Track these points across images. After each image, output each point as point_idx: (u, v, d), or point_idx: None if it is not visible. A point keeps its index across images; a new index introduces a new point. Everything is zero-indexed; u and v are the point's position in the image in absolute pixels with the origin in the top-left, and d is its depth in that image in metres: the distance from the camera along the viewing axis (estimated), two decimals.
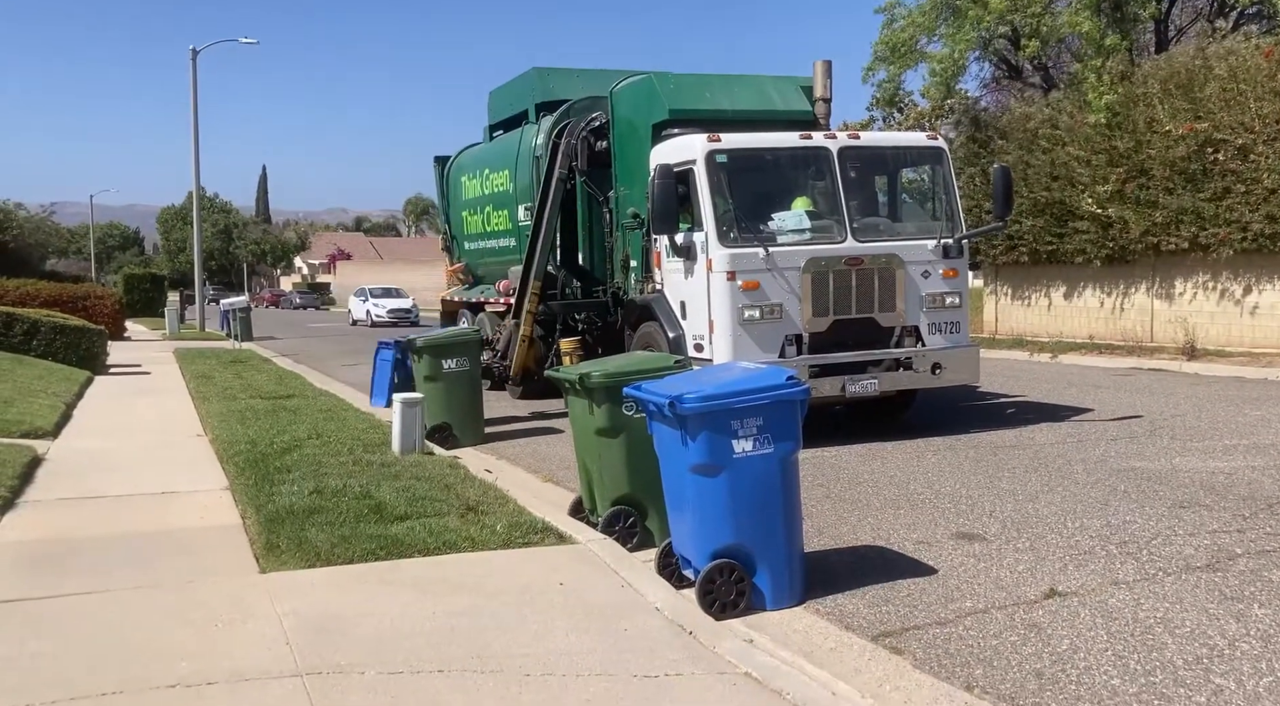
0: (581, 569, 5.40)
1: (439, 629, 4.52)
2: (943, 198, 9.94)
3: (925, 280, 9.44)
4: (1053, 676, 4.09)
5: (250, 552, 5.78)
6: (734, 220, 9.10)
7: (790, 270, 8.98)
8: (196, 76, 32.19)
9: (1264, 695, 3.84)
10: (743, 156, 9.35)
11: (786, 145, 9.52)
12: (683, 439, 4.91)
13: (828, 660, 4.32)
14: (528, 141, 13.44)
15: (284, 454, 8.55)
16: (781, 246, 9.05)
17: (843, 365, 9.13)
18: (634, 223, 10.67)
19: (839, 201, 9.28)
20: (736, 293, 8.84)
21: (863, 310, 9.21)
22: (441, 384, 10.06)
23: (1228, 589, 4.98)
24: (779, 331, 8.98)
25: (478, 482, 7.45)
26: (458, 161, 16.68)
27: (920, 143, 10.33)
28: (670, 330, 9.65)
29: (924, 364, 9.39)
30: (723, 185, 9.08)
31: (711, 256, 8.96)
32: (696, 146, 9.16)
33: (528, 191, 13.11)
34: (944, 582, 5.27)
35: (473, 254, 15.99)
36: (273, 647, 4.31)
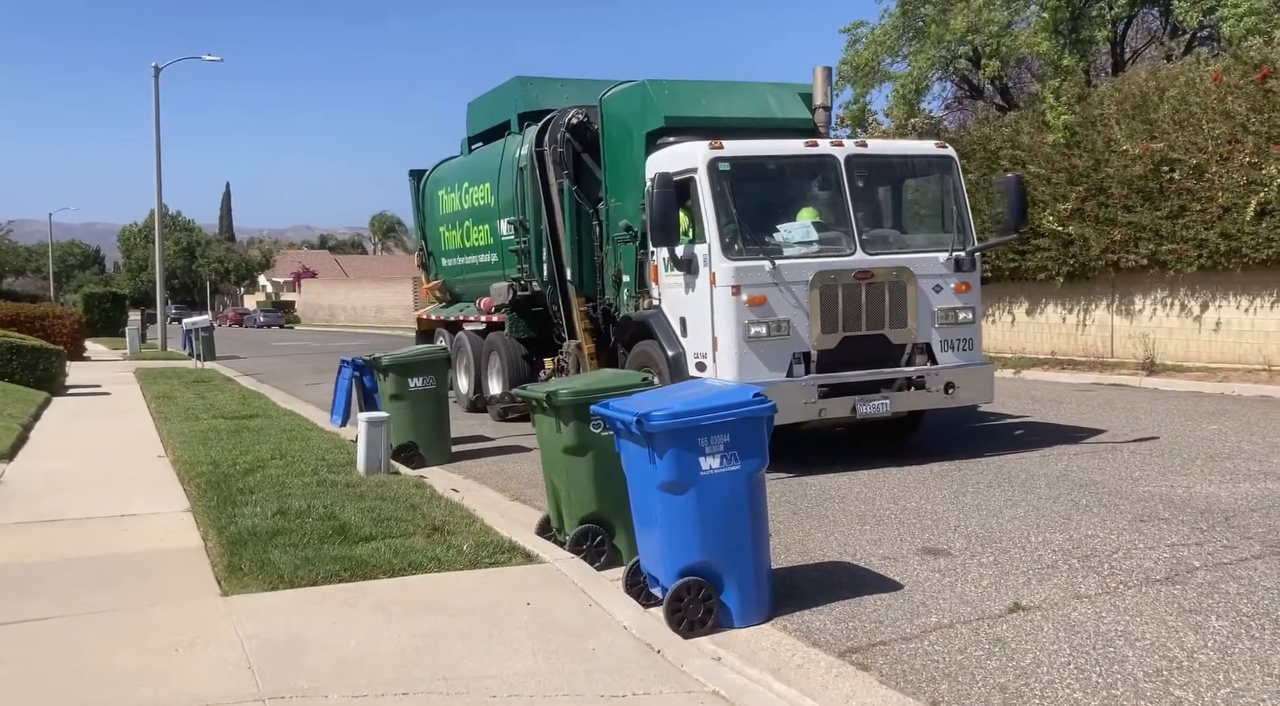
0: (549, 588, 5.37)
1: (404, 650, 4.48)
2: (953, 209, 9.46)
3: (937, 295, 9.02)
4: (1017, 690, 4.13)
5: (212, 575, 5.70)
6: (738, 231, 8.66)
7: (798, 284, 8.52)
8: (159, 94, 31.91)
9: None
10: (746, 164, 8.93)
11: (792, 153, 9.11)
12: (650, 456, 4.92)
13: (795, 677, 4.33)
14: (511, 152, 12.93)
15: (247, 474, 8.46)
16: (788, 259, 8.57)
17: (853, 384, 8.67)
18: (626, 235, 10.19)
19: (847, 212, 8.86)
20: (742, 308, 8.38)
21: (873, 326, 8.76)
22: (408, 403, 9.99)
23: (1186, 601, 5.06)
24: (786, 349, 8.53)
25: (444, 502, 7.40)
26: (434, 175, 16.25)
27: (929, 151, 9.77)
28: (669, 348, 9.16)
29: (937, 383, 8.95)
30: (726, 195, 8.64)
31: (715, 270, 8.51)
32: (698, 154, 8.72)
33: (511, 205, 12.76)
34: (909, 598, 5.31)
35: (451, 270, 15.52)
36: (235, 672, 4.25)
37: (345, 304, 76.25)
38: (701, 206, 8.65)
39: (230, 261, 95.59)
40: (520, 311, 12.66)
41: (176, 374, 21.01)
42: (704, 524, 4.92)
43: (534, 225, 12.18)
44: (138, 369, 22.61)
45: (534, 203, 12.07)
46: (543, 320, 12.47)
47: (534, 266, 12.31)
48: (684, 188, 8.76)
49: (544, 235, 11.92)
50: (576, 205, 11.32)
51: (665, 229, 8.62)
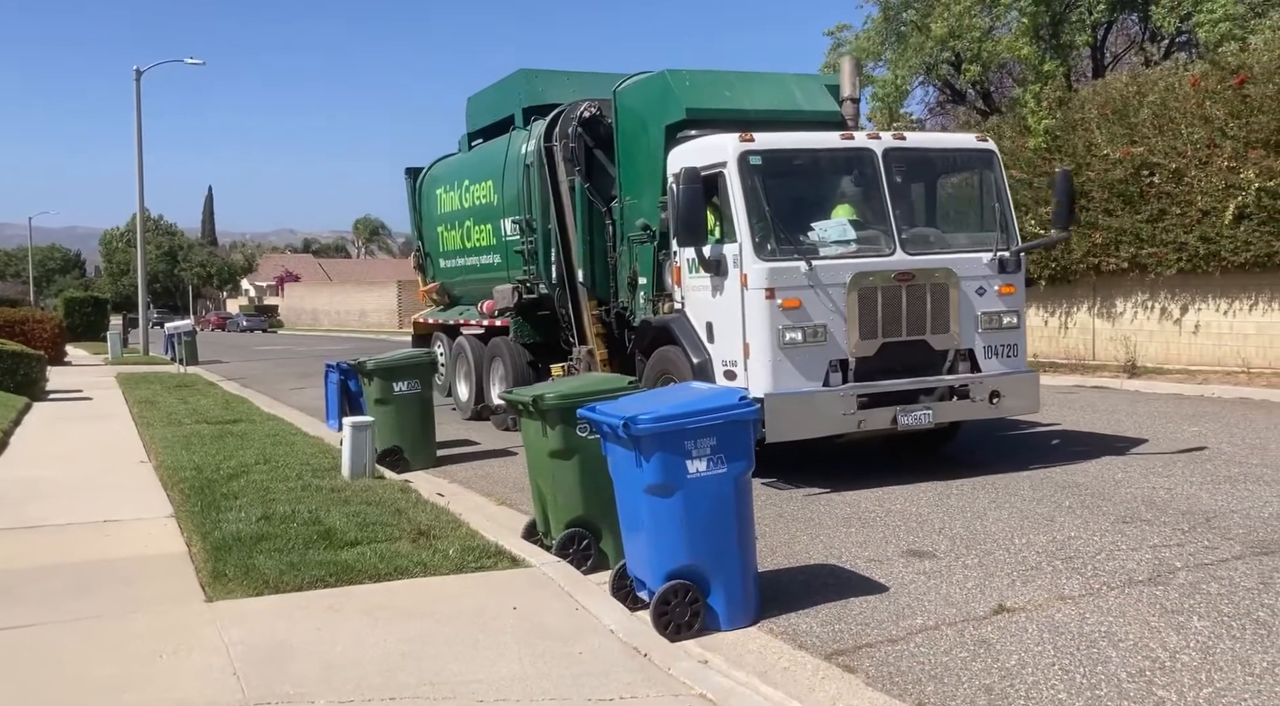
0: (535, 592, 5.37)
1: (390, 656, 4.47)
2: (995, 206, 8.89)
3: (980, 298, 8.48)
4: (1002, 692, 4.15)
5: (196, 581, 5.67)
6: (771, 230, 8.06)
7: (835, 286, 7.97)
8: (140, 97, 31.74)
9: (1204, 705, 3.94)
10: (779, 158, 8.34)
11: (827, 146, 8.54)
12: (637, 460, 4.93)
13: (781, 680, 4.34)
14: (516, 149, 12.20)
15: (231, 479, 8.41)
16: (825, 260, 8.03)
17: (894, 394, 8.14)
18: (643, 235, 9.63)
19: (885, 209, 8.31)
20: (776, 312, 7.84)
21: (914, 331, 8.21)
22: (392, 407, 9.96)
23: (1168, 602, 5.10)
24: (823, 356, 7.97)
25: (430, 507, 7.38)
26: (431, 173, 15.50)
27: (970, 145, 9.21)
28: (694, 355, 8.54)
29: (982, 392, 8.40)
30: (757, 190, 8.03)
31: (747, 271, 7.93)
32: (728, 147, 8.12)
33: (516, 204, 12.14)
34: (895, 600, 5.33)
35: (450, 272, 14.79)
36: (220, 678, 4.23)
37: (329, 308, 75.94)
38: (732, 203, 8.09)
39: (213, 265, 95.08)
40: (526, 315, 12.09)
41: (159, 379, 20.87)
42: (690, 527, 4.93)
43: (541, 224, 11.55)
44: (119, 374, 22.44)
45: (542, 201, 11.46)
46: (549, 324, 11.88)
47: (541, 268, 11.67)
48: (711, 183, 8.23)
49: (553, 235, 11.31)
50: (589, 203, 10.70)
51: (692, 227, 8.12)
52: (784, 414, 7.75)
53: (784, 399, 7.77)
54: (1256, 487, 7.59)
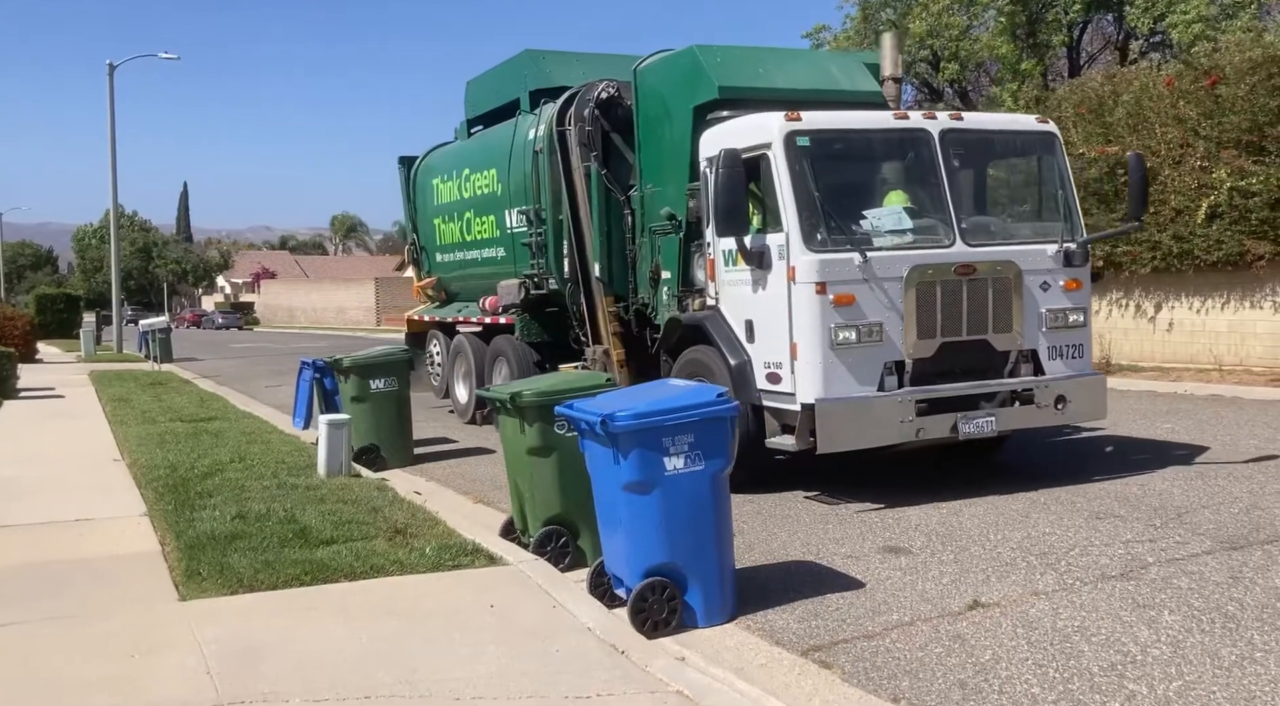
0: (513, 590, 5.36)
1: (366, 654, 4.45)
2: (1058, 193, 8.25)
3: (1044, 293, 7.84)
4: (976, 686, 4.19)
5: (170, 580, 5.62)
6: (822, 218, 7.37)
7: (890, 280, 7.31)
8: (114, 91, 31.39)
9: (1174, 699, 3.98)
10: (829, 140, 7.63)
11: (880, 126, 7.83)
12: (615, 457, 4.92)
13: (758, 676, 4.36)
14: (523, 134, 11.37)
15: (205, 478, 8.35)
16: (880, 251, 7.36)
17: (954, 399, 7.50)
18: (669, 225, 8.95)
19: (943, 195, 7.64)
20: (827, 309, 7.17)
21: (974, 331, 7.56)
22: (369, 404, 9.91)
23: (1140, 597, 5.16)
24: (878, 357, 7.30)
25: (406, 505, 7.35)
26: (427, 162, 14.61)
27: (1030, 127, 8.49)
28: (731, 356, 7.85)
29: (1046, 397, 7.74)
30: (806, 175, 7.34)
31: (795, 263, 7.25)
32: (773, 127, 7.43)
33: (523, 193, 11.33)
34: (871, 596, 5.36)
35: (447, 266, 13.98)
36: (193, 677, 4.19)
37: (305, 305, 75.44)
38: (778, 189, 7.39)
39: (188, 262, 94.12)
40: (533, 312, 11.33)
41: (133, 376, 20.67)
42: (668, 524, 4.93)
43: (551, 215, 10.85)
44: (93, 371, 22.20)
45: (552, 190, 10.74)
46: (558, 322, 11.22)
47: (551, 262, 10.97)
48: (753, 167, 7.57)
49: (565, 226, 10.59)
50: (606, 192, 10.01)
51: (732, 215, 7.46)
52: (837, 422, 7.15)
53: (837, 405, 7.16)
54: (1227, 484, 7.68)
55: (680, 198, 8.80)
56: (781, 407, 7.47)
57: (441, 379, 13.64)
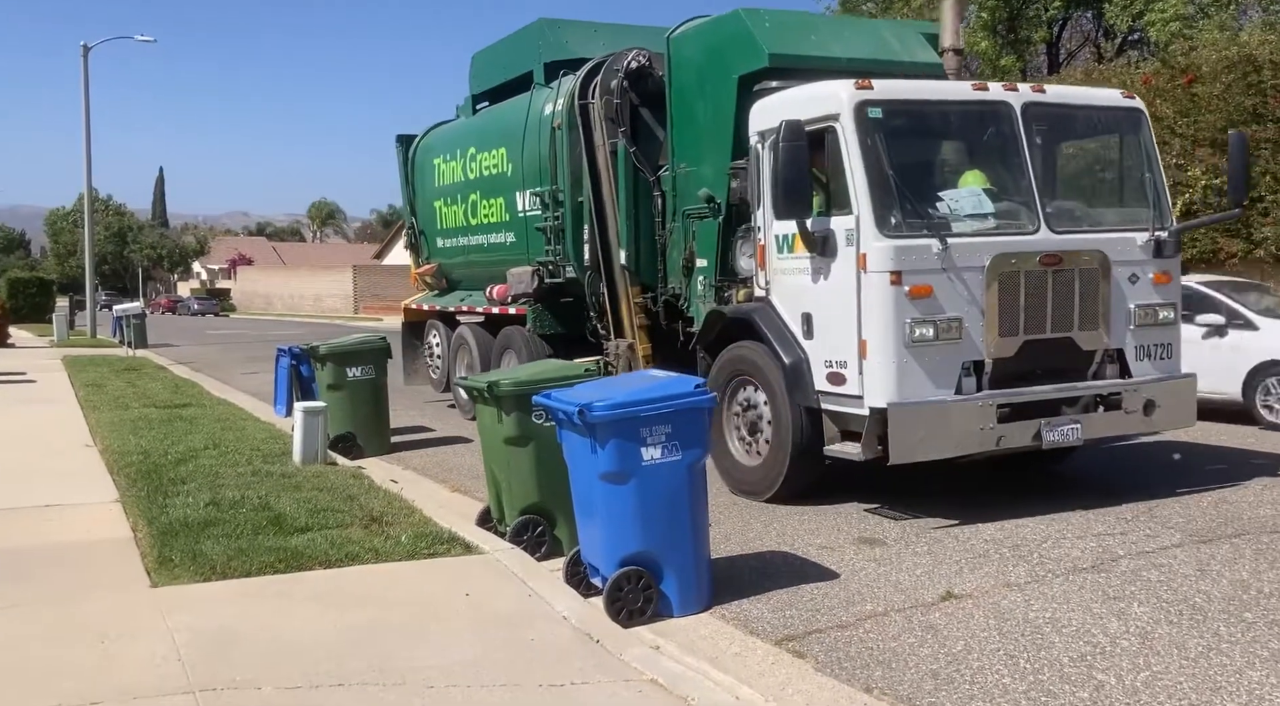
0: (488, 579, 5.35)
1: (340, 642, 4.43)
2: (1145, 176, 7.52)
3: (1133, 287, 7.15)
4: (948, 676, 4.22)
5: (141, 566, 5.57)
6: (897, 199, 6.66)
7: (970, 271, 6.61)
8: (88, 74, 30.96)
9: (1141, 689, 4.04)
10: (902, 111, 6.92)
11: (958, 98, 7.16)
12: (592, 447, 4.93)
13: (732, 665, 4.38)
14: (538, 109, 10.54)
15: (179, 464, 8.29)
16: (960, 237, 6.65)
17: (1038, 404, 6.82)
18: (706, 209, 8.20)
19: (1026, 176, 6.96)
20: (902, 301, 6.45)
21: (1059, 328, 6.86)
22: (346, 392, 9.86)
23: (1110, 589, 5.22)
24: (956, 357, 6.60)
25: (382, 493, 7.33)
26: (427, 141, 13.70)
27: (1115, 102, 7.71)
28: (785, 353, 7.10)
29: (1135, 402, 7.04)
30: (879, 150, 6.63)
31: (866, 250, 6.52)
32: (842, 96, 6.71)
33: (536, 174, 10.50)
34: (845, 586, 5.39)
35: (449, 252, 13.05)
36: (164, 664, 4.17)
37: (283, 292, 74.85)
38: (847, 166, 6.67)
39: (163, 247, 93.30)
40: (546, 302, 10.54)
41: (106, 362, 20.45)
42: (645, 514, 4.94)
43: (570, 197, 10.04)
44: (66, 356, 21.94)
45: (571, 170, 9.94)
46: (573, 313, 10.45)
47: (569, 248, 10.13)
48: (816, 141, 6.82)
49: (585, 209, 9.78)
50: (635, 172, 9.21)
51: (795, 196, 6.68)
52: (912, 429, 6.44)
53: (913, 410, 6.45)
54: (1197, 477, 7.77)
55: (720, 178, 8.06)
56: (844, 412, 6.78)
57: (441, 371, 12.96)
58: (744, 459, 7.58)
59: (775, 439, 7.22)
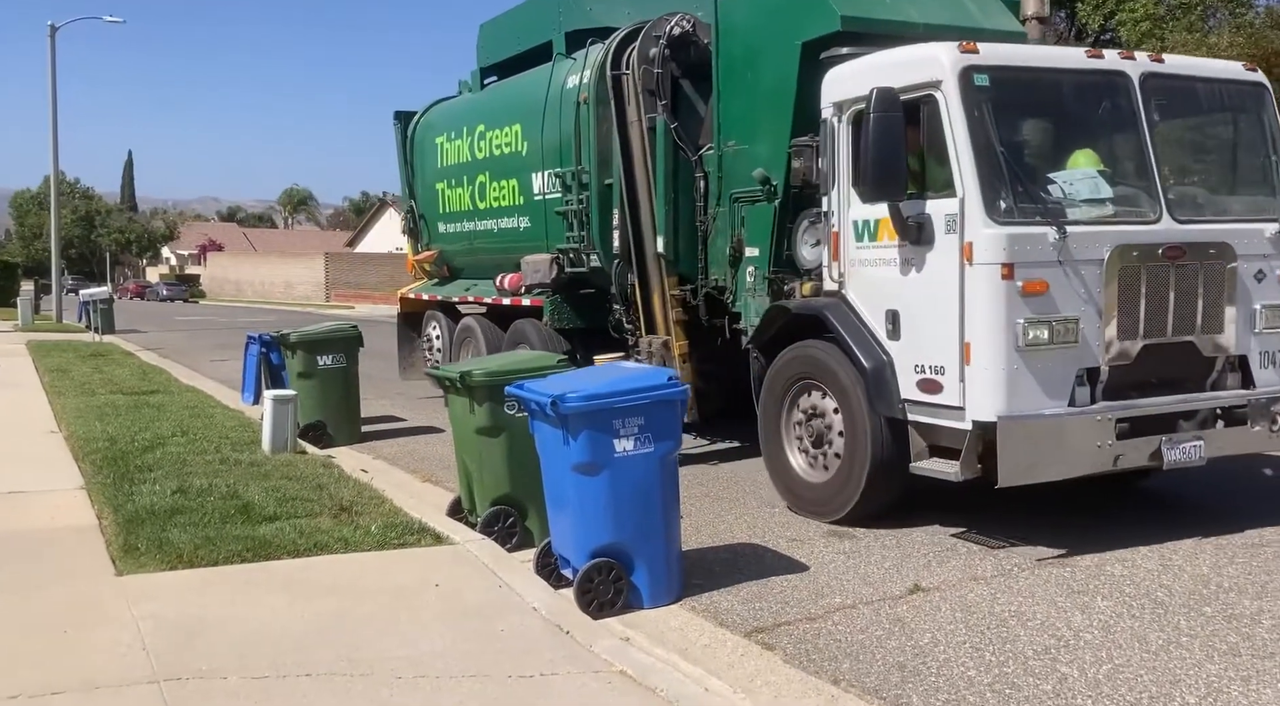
0: (458, 569, 5.34)
1: (308, 632, 4.40)
2: (1269, 159, 6.73)
3: (1259, 285, 6.34)
4: (915, 668, 4.27)
5: (106, 555, 5.51)
6: (1009, 180, 5.86)
7: (1088, 264, 5.80)
8: (55, 54, 30.44)
9: (1103, 681, 4.10)
10: (1012, 79, 6.07)
11: (1071, 66, 6.30)
12: (564, 438, 4.92)
13: (702, 657, 4.40)
14: (560, 82, 9.76)
15: (146, 451, 8.19)
16: (1078, 226, 5.83)
17: (1159, 418, 6.00)
18: (759, 192, 7.44)
19: (1146, 158, 6.17)
20: (1014, 298, 5.63)
21: (1180, 330, 6.07)
22: (316, 381, 9.77)
23: (1075, 583, 5.29)
24: (1071, 363, 5.80)
25: (352, 483, 7.28)
26: (428, 119, 12.83)
27: (1237, 75, 6.86)
28: (864, 356, 6.25)
29: (1261, 416, 6.21)
30: (987, 122, 5.85)
31: (973, 238, 5.70)
32: (944, 60, 5.88)
33: (557, 153, 9.72)
34: (815, 579, 5.43)
35: (452, 238, 12.25)
36: (128, 653, 4.12)
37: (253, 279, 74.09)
38: (950, 140, 5.84)
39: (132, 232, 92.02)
40: (564, 293, 9.80)
41: (72, 347, 20.15)
42: (616, 505, 4.94)
43: (596, 179, 9.24)
44: (30, 341, 21.60)
45: (599, 148, 9.15)
46: (594, 306, 9.70)
47: (594, 234, 9.31)
48: (910, 113, 6.01)
49: (616, 192, 8.97)
50: (675, 151, 8.39)
51: (889, 175, 5.93)
52: (1026, 447, 5.65)
53: (1026, 426, 5.64)
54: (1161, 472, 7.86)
55: (777, 156, 7.26)
56: (937, 424, 5.96)
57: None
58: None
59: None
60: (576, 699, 3.84)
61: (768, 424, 7.05)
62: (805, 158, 7.02)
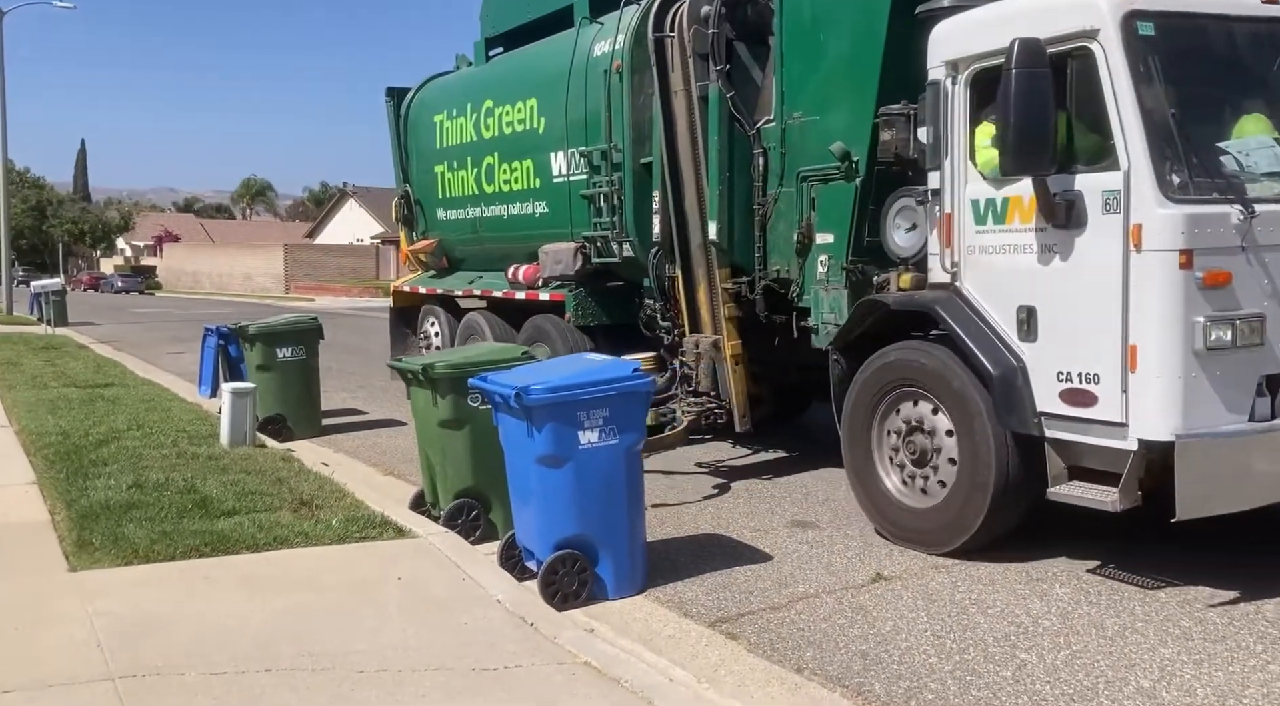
0: (421, 563, 5.30)
1: (267, 627, 4.35)
2: None
3: None
4: (876, 656, 4.30)
5: (60, 550, 5.41)
6: (1183, 150, 4.91)
7: (1270, 251, 4.93)
8: (3, 39, 29.75)
9: (1061, 667, 4.16)
10: (1180, 28, 5.15)
11: (1245, 13, 5.29)
12: (529, 430, 4.90)
13: (666, 647, 4.40)
14: (585, 50, 8.84)
15: (100, 445, 8.05)
16: (1267, 205, 4.92)
17: None
18: (836, 169, 6.51)
19: None
20: (1193, 293, 4.76)
21: None
22: (275, 373, 9.65)
23: (1034, 571, 5.36)
24: (1253, 369, 4.91)
25: (313, 476, 7.20)
26: (423, 96, 11.83)
27: None
28: (989, 359, 5.25)
29: None
30: (1155, 80, 4.96)
31: (1142, 219, 4.80)
32: (1100, 5, 4.97)
33: (583, 129, 8.82)
34: (779, 569, 5.46)
35: (452, 226, 11.33)
36: (82, 651, 4.05)
37: (211, 270, 72.99)
38: (1110, 101, 4.94)
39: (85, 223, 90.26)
40: (589, 286, 8.99)
41: (24, 339, 19.74)
42: (581, 497, 4.93)
43: (630, 157, 8.31)
44: None
45: (634, 123, 8.24)
46: (621, 300, 8.92)
47: (628, 220, 8.41)
48: (1059, 69, 5.08)
49: (656, 172, 8.04)
50: (731, 124, 7.41)
51: (1035, 142, 4.99)
52: (1209, 472, 4.76)
53: (1211, 447, 4.75)
54: None
55: (859, 128, 6.40)
56: (1089, 443, 5.04)
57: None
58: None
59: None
60: (540, 690, 3.83)
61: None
62: (898, 128, 6.05)
